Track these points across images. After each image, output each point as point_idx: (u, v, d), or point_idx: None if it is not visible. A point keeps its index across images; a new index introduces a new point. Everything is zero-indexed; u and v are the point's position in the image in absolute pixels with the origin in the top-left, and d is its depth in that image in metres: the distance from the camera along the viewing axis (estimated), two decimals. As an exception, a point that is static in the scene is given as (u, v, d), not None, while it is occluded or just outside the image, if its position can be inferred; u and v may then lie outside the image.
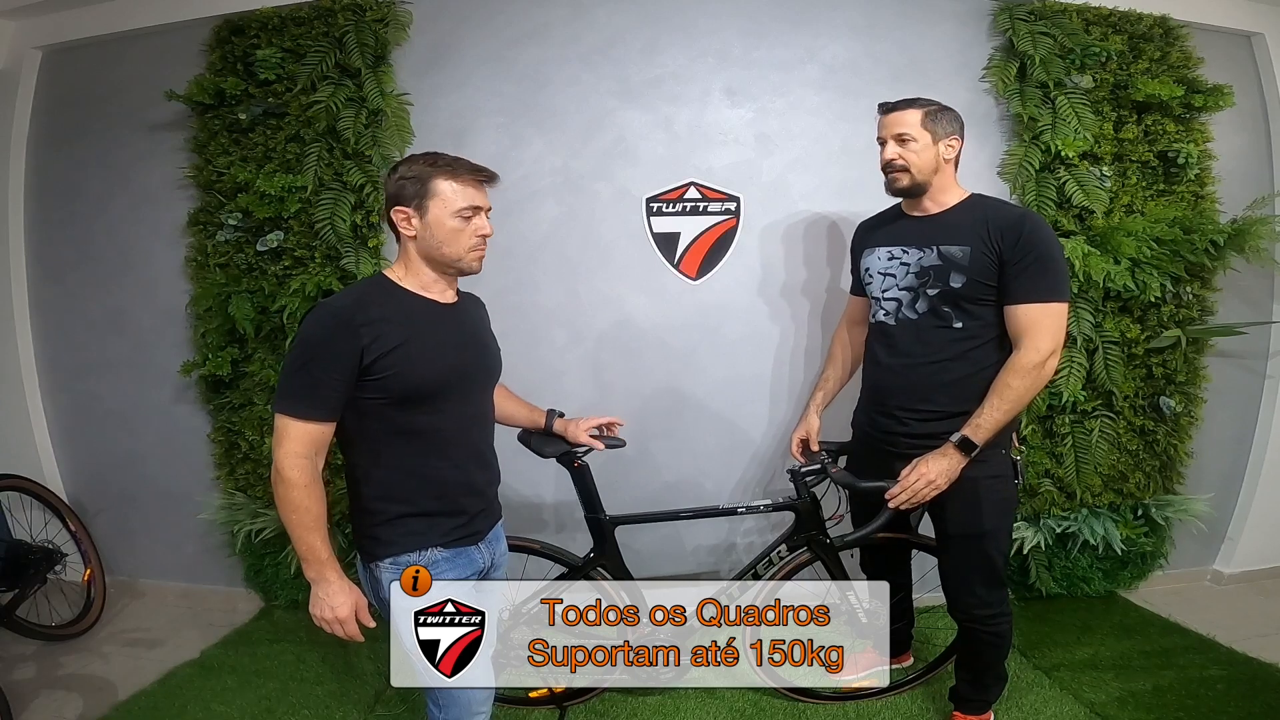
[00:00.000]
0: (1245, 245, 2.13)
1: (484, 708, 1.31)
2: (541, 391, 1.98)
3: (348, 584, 1.18)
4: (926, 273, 1.52)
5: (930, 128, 1.50)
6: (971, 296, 1.47)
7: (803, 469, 1.72)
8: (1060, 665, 2.03)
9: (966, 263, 1.46)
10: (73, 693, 2.04)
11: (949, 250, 1.49)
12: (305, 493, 1.11)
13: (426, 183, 1.17)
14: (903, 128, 1.50)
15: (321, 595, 1.16)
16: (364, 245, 2.20)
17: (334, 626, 1.17)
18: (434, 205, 1.17)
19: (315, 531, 1.14)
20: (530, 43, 2.19)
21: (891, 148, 1.52)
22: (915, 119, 1.49)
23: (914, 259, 1.54)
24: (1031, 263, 1.42)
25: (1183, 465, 2.36)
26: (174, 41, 2.32)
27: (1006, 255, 1.43)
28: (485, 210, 1.22)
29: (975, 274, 1.46)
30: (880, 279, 1.60)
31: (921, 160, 1.50)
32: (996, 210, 1.50)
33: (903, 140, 1.50)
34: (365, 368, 1.12)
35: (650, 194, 2.22)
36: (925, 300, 1.52)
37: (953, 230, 1.50)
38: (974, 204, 1.53)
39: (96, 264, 2.46)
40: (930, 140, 1.49)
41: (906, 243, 1.56)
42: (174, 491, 2.52)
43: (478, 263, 1.23)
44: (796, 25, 2.19)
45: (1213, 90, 2.17)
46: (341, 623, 1.16)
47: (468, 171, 1.19)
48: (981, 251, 1.45)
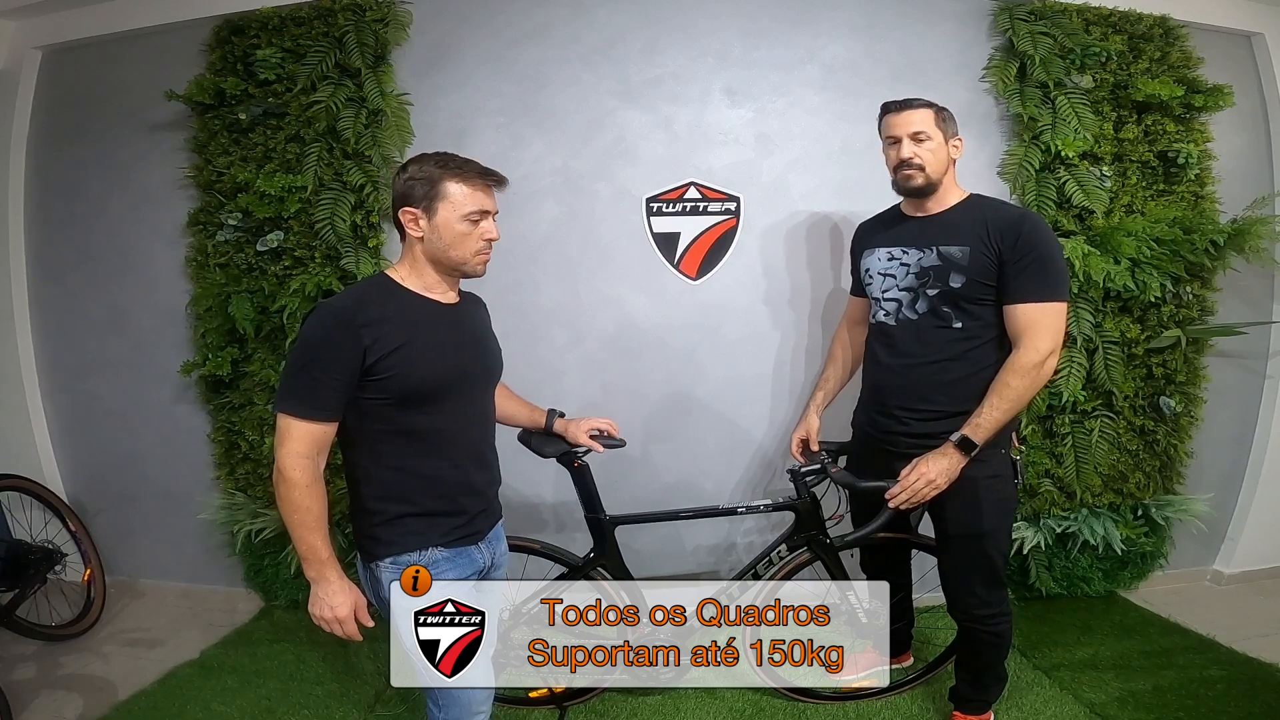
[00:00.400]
0: (1245, 245, 2.13)
1: (484, 707, 1.31)
2: (541, 391, 1.98)
3: (347, 584, 1.18)
4: (926, 273, 1.52)
5: (942, 127, 1.51)
6: (971, 296, 1.48)
7: (803, 469, 1.72)
8: (1060, 665, 2.03)
9: (966, 263, 1.47)
10: (73, 693, 2.04)
11: (948, 250, 1.49)
12: (306, 493, 1.12)
13: (436, 184, 1.17)
14: (919, 125, 1.50)
15: (321, 595, 1.16)
16: (364, 245, 2.20)
17: (333, 626, 1.17)
18: (443, 208, 1.17)
19: (316, 531, 1.14)
20: (530, 43, 2.19)
21: (908, 146, 1.50)
22: (930, 118, 1.50)
23: (913, 259, 1.54)
24: (1031, 263, 1.42)
25: (1183, 465, 2.36)
26: (174, 41, 2.32)
27: (1006, 255, 1.44)
28: (493, 214, 1.22)
29: (974, 274, 1.46)
30: (880, 279, 1.61)
31: (936, 159, 1.50)
32: (995, 210, 1.51)
33: (919, 139, 1.50)
34: (367, 368, 1.12)
35: (650, 194, 2.22)
36: (925, 300, 1.53)
37: (952, 230, 1.51)
38: (973, 204, 1.54)
39: (96, 264, 2.46)
40: (942, 139, 1.51)
41: (906, 243, 1.57)
42: (174, 491, 2.52)
43: (482, 266, 1.24)
44: (796, 25, 2.19)
45: (1213, 90, 2.17)
46: (341, 622, 1.17)
47: (478, 175, 1.19)
48: (980, 251, 1.46)
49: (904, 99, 1.54)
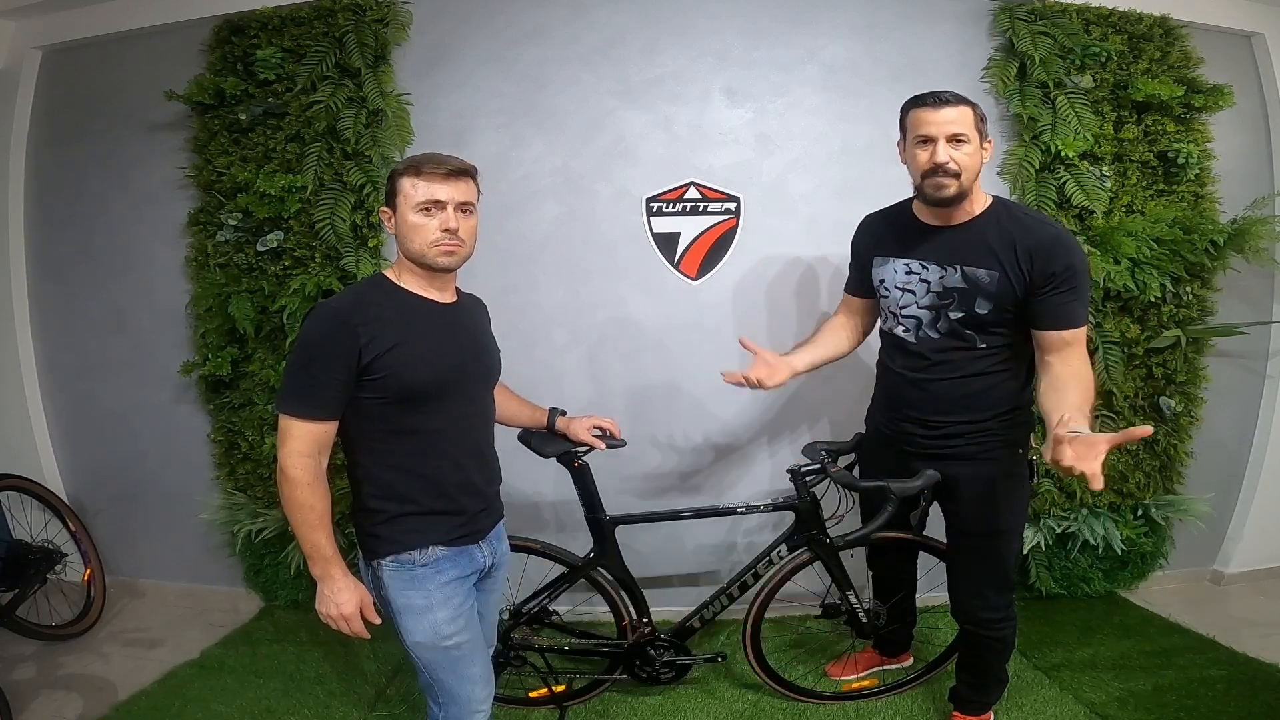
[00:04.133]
0: (1245, 245, 2.13)
1: (484, 706, 1.31)
2: (541, 391, 1.98)
3: (353, 581, 1.18)
4: (950, 294, 1.42)
5: (980, 129, 1.36)
6: (998, 321, 1.40)
7: (803, 469, 1.72)
8: (1060, 665, 2.03)
9: (994, 289, 1.36)
10: (73, 693, 2.04)
11: (975, 274, 1.38)
12: (309, 491, 1.12)
13: (395, 181, 1.20)
14: (961, 127, 1.32)
15: (327, 592, 1.17)
16: (364, 245, 2.20)
17: (339, 623, 1.17)
18: (400, 202, 1.19)
19: (319, 529, 1.15)
20: (530, 43, 2.19)
21: (944, 149, 1.32)
22: (970, 118, 1.34)
23: (935, 277, 1.43)
24: (1072, 290, 1.33)
25: (1183, 465, 2.36)
26: (174, 41, 2.31)
27: (1038, 281, 1.33)
28: (455, 204, 1.19)
29: (1001, 300, 1.37)
30: (899, 294, 1.51)
31: (972, 164, 1.34)
32: (1024, 228, 1.37)
33: (958, 141, 1.33)
34: (363, 367, 1.13)
35: (650, 194, 2.21)
36: (947, 322, 1.44)
37: (979, 250, 1.38)
38: (998, 214, 1.41)
39: (96, 264, 2.46)
40: (979, 143, 1.35)
41: (927, 258, 1.45)
42: (174, 491, 2.52)
43: (444, 258, 1.19)
44: (796, 25, 2.19)
45: (1213, 90, 2.17)
46: (347, 620, 1.17)
47: (429, 165, 1.17)
48: (1008, 277, 1.35)
49: (939, 92, 1.35)
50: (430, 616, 1.21)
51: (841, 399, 2.08)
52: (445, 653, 1.24)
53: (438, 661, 1.25)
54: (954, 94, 1.35)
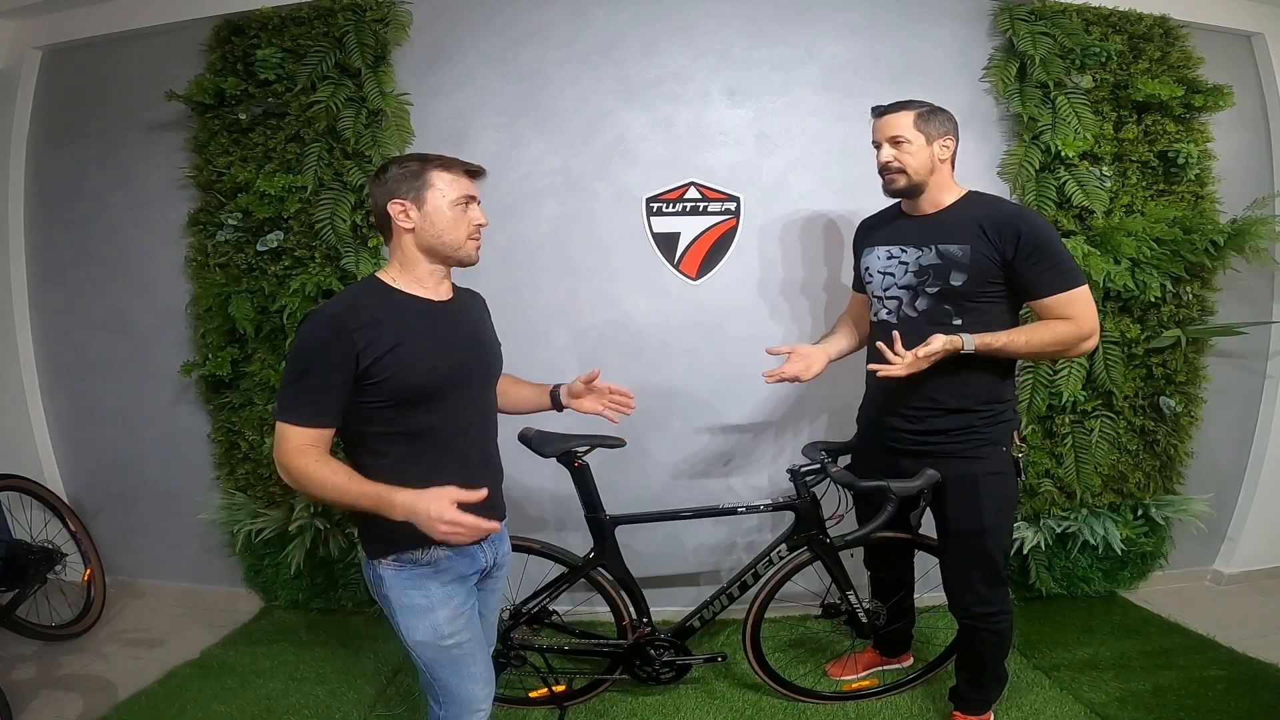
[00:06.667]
0: (1245, 245, 2.13)
1: (484, 706, 1.31)
2: (541, 391, 1.98)
3: (413, 491, 1.05)
4: (925, 271, 1.53)
5: (923, 129, 1.51)
6: (973, 294, 1.49)
7: (803, 469, 1.72)
8: (1060, 665, 2.03)
9: (967, 261, 1.48)
10: (73, 693, 2.04)
11: (948, 249, 1.50)
12: (319, 467, 1.09)
13: (422, 175, 1.20)
14: (896, 130, 1.52)
15: (409, 517, 1.04)
16: (364, 245, 2.20)
17: (456, 531, 1.02)
18: (431, 195, 1.19)
19: (349, 487, 1.07)
20: (530, 43, 2.19)
21: (886, 151, 1.54)
22: (908, 121, 1.51)
23: (912, 258, 1.56)
24: (1040, 258, 1.44)
25: (1183, 465, 2.36)
26: (174, 41, 2.31)
27: (1009, 254, 1.45)
28: (478, 202, 1.25)
29: (976, 272, 1.48)
30: (880, 278, 1.62)
31: (917, 161, 1.52)
32: (992, 207, 1.52)
33: (897, 143, 1.52)
34: (362, 371, 1.12)
35: (650, 194, 2.22)
36: (925, 298, 1.54)
37: (950, 229, 1.52)
38: (970, 202, 1.55)
39: (96, 264, 2.46)
40: (924, 141, 1.51)
41: (905, 242, 1.58)
42: (174, 491, 2.52)
43: (476, 252, 1.25)
44: (796, 25, 2.19)
45: (1213, 90, 2.17)
46: (456, 521, 1.01)
47: (459, 164, 1.23)
48: (981, 251, 1.47)
49: (886, 104, 1.56)
50: (431, 616, 1.21)
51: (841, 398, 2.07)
52: (446, 652, 1.24)
53: (438, 661, 1.25)
54: (896, 103, 1.55)
